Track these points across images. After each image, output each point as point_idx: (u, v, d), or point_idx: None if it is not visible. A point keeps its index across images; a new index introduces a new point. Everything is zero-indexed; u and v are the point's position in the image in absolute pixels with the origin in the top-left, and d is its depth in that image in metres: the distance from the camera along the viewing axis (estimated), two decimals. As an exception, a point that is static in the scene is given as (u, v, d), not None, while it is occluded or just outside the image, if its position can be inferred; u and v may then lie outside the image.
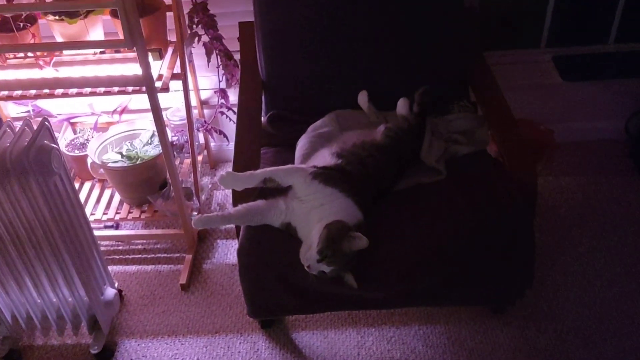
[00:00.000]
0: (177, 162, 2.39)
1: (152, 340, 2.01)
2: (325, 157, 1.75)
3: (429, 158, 1.86)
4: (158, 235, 2.33)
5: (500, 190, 1.70)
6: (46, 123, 1.64)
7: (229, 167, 2.69)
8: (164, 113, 1.98)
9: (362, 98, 2.02)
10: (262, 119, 2.05)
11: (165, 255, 2.31)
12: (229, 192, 2.55)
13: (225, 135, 2.46)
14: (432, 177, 1.84)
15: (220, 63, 2.30)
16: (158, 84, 1.90)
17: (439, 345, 1.94)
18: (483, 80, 2.06)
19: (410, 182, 1.84)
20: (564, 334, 1.94)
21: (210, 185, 2.55)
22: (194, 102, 2.42)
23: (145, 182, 2.24)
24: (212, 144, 2.68)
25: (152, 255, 2.31)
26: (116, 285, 2.07)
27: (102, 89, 1.91)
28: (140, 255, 2.31)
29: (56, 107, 2.44)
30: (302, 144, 1.93)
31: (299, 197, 1.63)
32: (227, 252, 2.29)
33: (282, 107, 2.06)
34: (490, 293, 1.67)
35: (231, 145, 2.59)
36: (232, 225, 2.38)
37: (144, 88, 1.86)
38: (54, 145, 1.63)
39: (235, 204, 1.66)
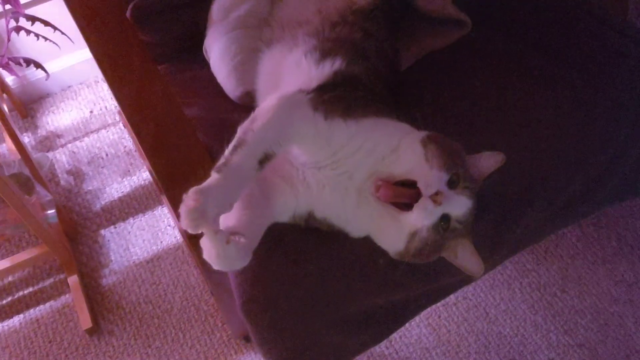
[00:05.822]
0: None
1: None
2: (299, 66, 0.93)
3: (435, 2, 1.11)
4: (6, 269, 1.36)
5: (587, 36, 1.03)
6: None
7: (50, 103, 1.69)
8: None
9: None
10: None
11: (30, 290, 1.38)
12: (83, 149, 1.59)
13: (39, 66, 1.42)
14: (450, 34, 1.12)
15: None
16: None
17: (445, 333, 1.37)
18: None
19: (417, 52, 1.12)
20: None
21: (49, 157, 1.54)
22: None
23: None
24: (10, 80, 1.63)
25: (10, 299, 1.38)
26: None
27: None
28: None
29: None
30: (221, 48, 1.07)
31: (317, 162, 0.82)
32: (127, 243, 1.43)
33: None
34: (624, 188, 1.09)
35: (51, 79, 1.58)
36: (113, 201, 1.52)
37: None
38: None
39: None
